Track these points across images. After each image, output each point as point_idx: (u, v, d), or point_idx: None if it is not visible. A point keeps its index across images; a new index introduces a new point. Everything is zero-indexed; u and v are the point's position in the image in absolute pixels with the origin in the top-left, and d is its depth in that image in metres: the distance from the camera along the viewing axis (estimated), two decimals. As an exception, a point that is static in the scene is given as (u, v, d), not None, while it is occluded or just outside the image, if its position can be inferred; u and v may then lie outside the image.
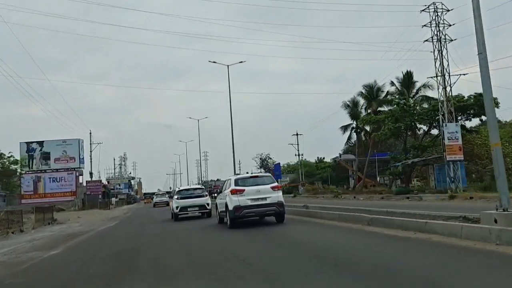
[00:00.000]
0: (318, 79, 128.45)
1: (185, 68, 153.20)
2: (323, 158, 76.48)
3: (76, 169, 51.93)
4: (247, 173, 76.26)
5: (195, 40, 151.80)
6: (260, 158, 78.48)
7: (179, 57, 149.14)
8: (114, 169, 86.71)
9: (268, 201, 12.39)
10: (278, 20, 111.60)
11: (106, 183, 79.85)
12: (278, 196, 12.62)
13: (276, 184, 13.12)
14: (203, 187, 26.03)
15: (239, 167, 71.82)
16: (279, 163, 63.29)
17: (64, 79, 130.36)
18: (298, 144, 59.67)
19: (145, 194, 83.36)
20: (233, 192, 12.53)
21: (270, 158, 77.56)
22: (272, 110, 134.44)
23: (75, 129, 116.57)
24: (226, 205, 12.72)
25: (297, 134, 59.56)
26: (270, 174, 15.87)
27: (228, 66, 31.30)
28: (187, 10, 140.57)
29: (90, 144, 55.21)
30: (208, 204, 18.85)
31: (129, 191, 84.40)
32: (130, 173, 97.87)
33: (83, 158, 54.06)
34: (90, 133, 56.64)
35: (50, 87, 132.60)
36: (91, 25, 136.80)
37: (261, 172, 74.24)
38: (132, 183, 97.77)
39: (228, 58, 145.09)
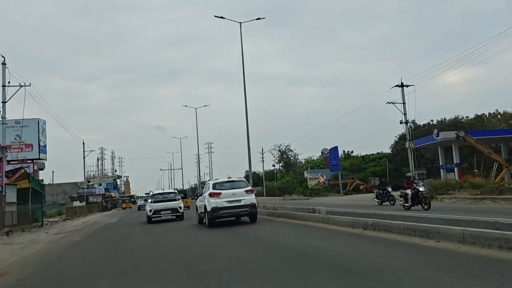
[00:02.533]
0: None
1: (179, 70, 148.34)
2: (351, 152, 66.72)
3: (34, 160, 41.14)
4: (273, 166, 67.97)
5: (190, 42, 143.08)
6: (279, 150, 68.50)
7: (174, 58, 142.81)
8: (84, 157, 56.57)
9: (242, 203, 13.73)
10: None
11: (87, 182, 68.39)
12: (251, 198, 13.98)
13: (249, 188, 14.50)
14: (176, 191, 25.12)
15: (262, 157, 60.56)
16: (336, 147, 46.21)
17: (57, 80, 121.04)
18: (404, 103, 34.80)
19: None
20: (211, 195, 13.36)
21: (291, 151, 68.80)
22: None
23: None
24: (205, 207, 14.04)
25: (402, 85, 34.79)
26: (244, 179, 16.52)
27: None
28: (182, 12, 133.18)
29: (3, 86, 24.08)
30: (180, 207, 19.58)
31: (109, 191, 68.95)
32: (115, 170, 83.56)
33: (44, 146, 43.19)
34: (4, 63, 23.97)
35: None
36: (86, 26, 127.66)
37: (278, 166, 69.59)
38: (119, 182, 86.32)
39: (224, 59, 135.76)
